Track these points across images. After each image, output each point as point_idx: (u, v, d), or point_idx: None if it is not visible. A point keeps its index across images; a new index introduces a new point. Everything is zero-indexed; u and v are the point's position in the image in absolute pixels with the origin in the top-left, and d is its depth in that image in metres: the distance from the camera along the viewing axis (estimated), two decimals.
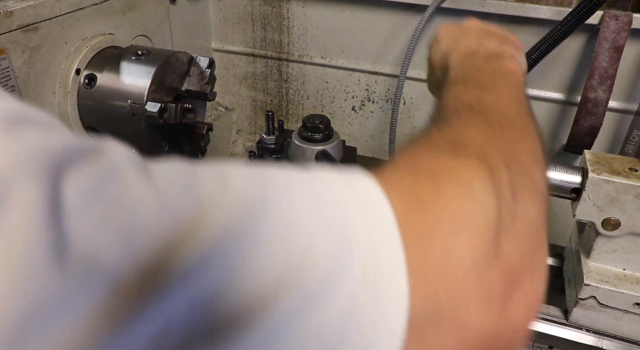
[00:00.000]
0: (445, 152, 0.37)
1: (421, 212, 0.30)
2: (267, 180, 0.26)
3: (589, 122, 1.11)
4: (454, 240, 0.29)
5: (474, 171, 0.34)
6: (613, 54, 1.06)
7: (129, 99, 0.94)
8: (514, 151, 0.39)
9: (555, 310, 0.90)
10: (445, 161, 0.35)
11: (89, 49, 0.98)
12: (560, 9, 1.12)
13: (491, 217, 0.32)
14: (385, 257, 0.26)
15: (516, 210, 0.34)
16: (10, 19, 0.83)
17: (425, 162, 0.35)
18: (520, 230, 0.34)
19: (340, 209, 0.26)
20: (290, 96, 1.48)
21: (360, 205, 0.27)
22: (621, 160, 0.80)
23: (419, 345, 0.27)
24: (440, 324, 0.28)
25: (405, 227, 0.27)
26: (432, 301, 0.27)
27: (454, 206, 0.31)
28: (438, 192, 0.32)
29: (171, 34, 1.27)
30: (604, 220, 0.79)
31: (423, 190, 0.32)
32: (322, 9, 1.32)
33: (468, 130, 0.40)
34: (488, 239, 0.31)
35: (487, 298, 0.30)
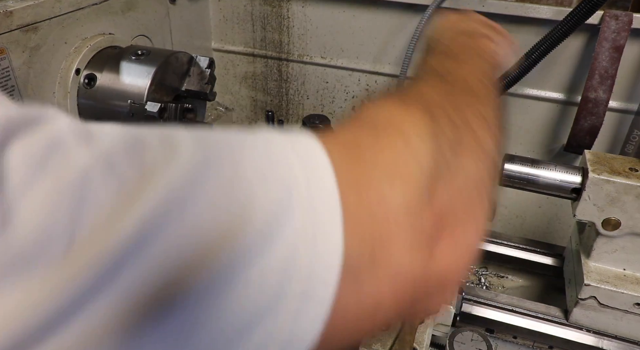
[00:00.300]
0: (393, 105, 0.39)
1: (359, 161, 0.31)
2: (212, 143, 0.27)
3: (589, 122, 1.11)
4: (388, 187, 0.31)
5: (415, 122, 0.36)
6: (613, 54, 1.06)
7: (128, 99, 0.94)
8: (464, 113, 0.41)
9: (555, 310, 0.90)
10: (389, 113, 0.38)
11: (89, 48, 0.98)
12: (560, 9, 1.12)
13: (425, 165, 0.33)
14: (323, 208, 0.27)
15: (455, 164, 0.36)
16: (10, 18, 0.83)
17: (373, 114, 0.38)
18: (457, 183, 0.36)
19: (281, 166, 0.27)
20: (290, 96, 1.48)
21: (300, 161, 0.28)
22: (621, 160, 0.80)
23: (356, 290, 0.28)
24: (375, 267, 0.29)
25: (343, 177, 0.28)
26: (367, 245, 0.29)
27: (389, 154, 0.33)
28: (375, 141, 0.34)
29: (171, 34, 1.27)
30: (604, 220, 0.79)
31: (362, 140, 0.33)
32: (322, 9, 1.32)
33: (424, 89, 0.43)
34: (421, 186, 0.32)
35: (417, 242, 0.32)
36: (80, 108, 0.99)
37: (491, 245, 1.06)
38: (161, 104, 0.92)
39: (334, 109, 1.44)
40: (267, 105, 1.52)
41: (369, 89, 1.38)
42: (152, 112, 0.92)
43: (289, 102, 1.49)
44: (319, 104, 1.46)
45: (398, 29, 1.28)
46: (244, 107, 1.55)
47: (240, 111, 1.56)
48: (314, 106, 1.47)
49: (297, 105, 1.49)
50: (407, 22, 1.26)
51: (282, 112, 1.51)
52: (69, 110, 0.97)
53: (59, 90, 0.96)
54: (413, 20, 1.23)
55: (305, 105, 1.48)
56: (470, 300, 0.91)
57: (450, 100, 0.42)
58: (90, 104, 0.98)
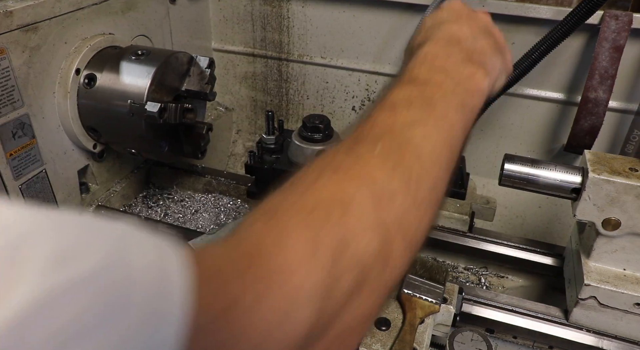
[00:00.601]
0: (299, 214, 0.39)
1: (222, 293, 0.32)
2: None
3: (589, 122, 1.11)
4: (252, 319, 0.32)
5: (299, 253, 0.36)
6: (613, 54, 1.06)
7: (128, 99, 0.94)
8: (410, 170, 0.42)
9: (555, 310, 0.90)
10: (272, 239, 0.37)
11: (89, 48, 0.98)
12: (560, 9, 1.11)
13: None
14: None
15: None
16: (10, 18, 0.83)
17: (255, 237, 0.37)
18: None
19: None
20: (290, 96, 1.48)
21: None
22: (621, 160, 0.80)
23: None
24: None
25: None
26: None
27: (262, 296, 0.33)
28: (241, 274, 0.33)
29: (171, 34, 1.27)
30: (604, 220, 0.79)
31: (233, 272, 0.33)
32: (322, 9, 1.32)
33: (343, 186, 0.41)
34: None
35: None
36: (80, 108, 0.99)
37: (491, 245, 1.06)
38: (161, 104, 0.92)
39: (334, 109, 1.44)
40: (267, 105, 1.52)
41: (369, 88, 1.38)
42: (152, 112, 0.92)
43: (289, 102, 1.49)
44: (319, 104, 1.46)
45: (398, 29, 1.28)
46: (244, 107, 1.55)
47: (240, 111, 1.56)
48: (314, 106, 1.47)
49: (297, 105, 1.49)
50: (407, 22, 1.25)
51: (282, 112, 1.51)
52: (68, 110, 0.97)
53: (59, 90, 0.96)
54: (413, 20, 1.23)
55: (305, 105, 1.48)
56: (470, 300, 0.91)
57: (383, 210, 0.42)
58: (90, 104, 0.98)
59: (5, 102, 0.85)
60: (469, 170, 1.24)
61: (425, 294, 0.83)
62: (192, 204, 1.25)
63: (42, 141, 0.94)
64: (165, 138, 1.04)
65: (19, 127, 0.89)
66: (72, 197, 1.06)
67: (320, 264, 0.36)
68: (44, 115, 0.94)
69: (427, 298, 0.83)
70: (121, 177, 1.21)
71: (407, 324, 0.80)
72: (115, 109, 0.96)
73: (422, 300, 0.82)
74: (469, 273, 1.10)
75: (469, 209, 1.11)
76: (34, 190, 0.95)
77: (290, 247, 0.35)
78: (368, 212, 0.40)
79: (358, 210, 0.39)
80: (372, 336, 0.78)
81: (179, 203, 1.25)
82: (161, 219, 1.20)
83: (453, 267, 1.11)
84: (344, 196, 0.40)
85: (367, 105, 1.41)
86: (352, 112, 1.43)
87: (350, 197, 0.40)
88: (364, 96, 1.40)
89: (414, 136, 0.46)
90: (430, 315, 0.82)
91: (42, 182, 0.96)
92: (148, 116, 0.92)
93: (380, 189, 0.42)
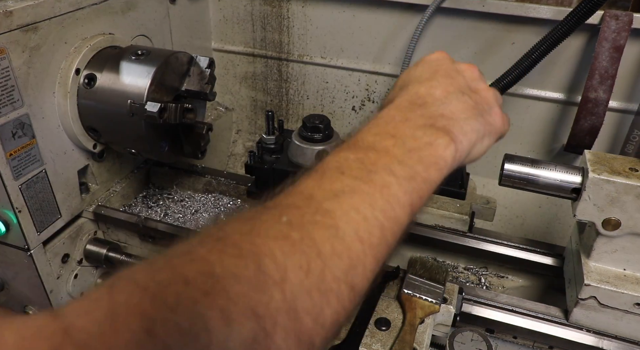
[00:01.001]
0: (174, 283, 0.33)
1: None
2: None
3: (589, 122, 1.11)
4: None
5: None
6: (613, 54, 1.06)
7: (128, 99, 0.94)
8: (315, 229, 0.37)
9: (555, 310, 0.90)
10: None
11: (89, 48, 0.98)
12: (560, 9, 1.12)
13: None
14: None
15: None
16: (10, 18, 0.83)
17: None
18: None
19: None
20: (290, 96, 1.48)
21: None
22: (621, 160, 0.80)
23: None
24: None
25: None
26: None
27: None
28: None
29: (171, 33, 1.27)
30: (604, 220, 0.79)
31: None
32: (322, 9, 1.32)
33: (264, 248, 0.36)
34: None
35: None
36: (80, 108, 0.99)
37: (491, 245, 1.06)
38: (161, 104, 0.92)
39: (334, 109, 1.44)
40: (267, 105, 1.52)
41: (369, 88, 1.38)
42: (152, 112, 0.91)
43: (289, 102, 1.49)
44: (319, 104, 1.46)
45: (398, 29, 1.28)
46: (244, 107, 1.55)
47: (240, 111, 1.56)
48: (314, 106, 1.47)
49: (297, 105, 1.49)
50: (407, 22, 1.26)
51: (282, 112, 1.51)
52: (68, 110, 0.97)
53: (59, 90, 0.96)
54: (413, 20, 1.23)
55: (305, 105, 1.48)
56: (470, 300, 0.91)
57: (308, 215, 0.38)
58: (90, 104, 0.98)
59: (5, 102, 0.85)
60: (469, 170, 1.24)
61: (425, 294, 0.83)
62: (192, 204, 1.25)
63: (42, 141, 0.94)
64: (165, 138, 1.04)
65: (18, 127, 0.89)
66: (72, 197, 1.06)
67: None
68: (44, 115, 0.94)
69: (427, 298, 0.83)
70: (121, 177, 1.21)
71: (407, 324, 0.80)
72: (115, 109, 0.96)
73: (422, 300, 0.82)
74: (469, 273, 1.10)
75: (469, 209, 1.11)
76: (34, 190, 0.95)
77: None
78: (241, 295, 0.33)
79: (227, 294, 0.33)
80: (372, 336, 0.78)
81: (179, 203, 1.25)
82: (161, 219, 1.20)
83: (453, 267, 1.11)
84: (216, 270, 0.34)
85: (366, 105, 1.41)
86: (352, 112, 1.43)
87: (225, 273, 0.34)
88: (364, 96, 1.40)
89: (334, 209, 0.40)
90: (430, 315, 0.82)
91: (42, 182, 0.96)
92: (148, 116, 0.92)
93: (267, 268, 0.35)
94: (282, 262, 0.36)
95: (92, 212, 1.12)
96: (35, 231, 0.97)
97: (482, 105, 0.56)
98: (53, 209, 1.01)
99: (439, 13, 1.20)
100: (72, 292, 1.10)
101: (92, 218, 1.12)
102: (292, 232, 0.38)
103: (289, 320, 0.34)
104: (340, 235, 0.39)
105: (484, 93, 0.58)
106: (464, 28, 1.21)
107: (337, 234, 0.39)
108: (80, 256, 1.11)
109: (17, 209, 0.92)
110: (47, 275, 1.03)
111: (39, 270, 1.00)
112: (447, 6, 1.18)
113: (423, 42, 1.22)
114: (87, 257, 1.12)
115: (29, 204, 0.94)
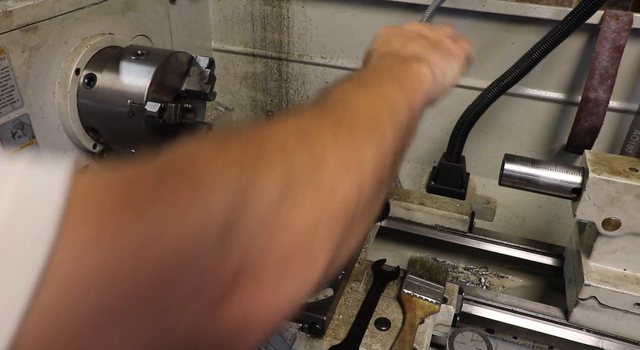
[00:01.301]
0: (211, 143, 0.36)
1: (117, 210, 0.28)
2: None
3: (589, 122, 1.11)
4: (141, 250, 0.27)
5: (222, 167, 0.32)
6: (613, 54, 1.06)
7: (128, 99, 0.94)
8: (318, 147, 0.37)
9: (555, 310, 0.90)
10: (199, 150, 0.34)
11: (89, 48, 0.98)
12: (560, 9, 1.11)
13: (214, 213, 0.30)
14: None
15: (279, 216, 0.32)
16: (10, 18, 0.83)
17: (183, 152, 0.34)
18: (266, 231, 0.32)
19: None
20: (290, 96, 1.48)
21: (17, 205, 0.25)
22: (621, 160, 0.80)
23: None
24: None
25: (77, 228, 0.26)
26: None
27: (163, 208, 0.29)
28: (157, 187, 0.30)
29: (171, 33, 1.27)
30: (604, 220, 0.78)
31: (144, 184, 0.30)
32: (322, 9, 1.32)
33: (275, 130, 0.38)
34: (207, 236, 0.29)
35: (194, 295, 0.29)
36: (80, 108, 0.99)
37: (491, 245, 1.06)
38: (161, 104, 0.92)
39: None
40: (267, 105, 1.52)
41: None
42: (152, 112, 0.91)
43: (289, 102, 1.49)
44: None
45: None
46: (244, 107, 1.55)
47: (240, 111, 1.56)
48: None
49: (297, 105, 1.49)
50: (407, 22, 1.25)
51: (282, 112, 1.51)
52: (68, 110, 0.97)
53: (58, 90, 0.96)
54: (413, 20, 1.23)
55: None
56: (470, 300, 0.91)
57: (310, 132, 0.39)
58: (90, 104, 0.98)
59: (5, 102, 0.85)
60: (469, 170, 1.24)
61: (425, 294, 0.83)
62: None
63: (42, 141, 0.94)
64: (165, 138, 1.04)
65: (18, 127, 0.89)
66: None
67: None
68: (44, 115, 0.94)
69: (427, 298, 0.83)
70: None
71: (407, 324, 0.80)
72: (115, 109, 0.96)
73: (422, 300, 0.82)
74: (469, 273, 1.10)
75: (469, 209, 1.11)
76: None
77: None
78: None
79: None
80: (372, 336, 0.78)
81: None
82: None
83: (453, 267, 1.11)
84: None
85: None
86: None
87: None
88: None
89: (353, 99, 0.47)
90: (430, 315, 0.82)
91: None
92: (148, 116, 0.92)
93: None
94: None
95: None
96: None
97: (434, 41, 0.67)
98: None
99: (439, 13, 1.20)
100: None
101: None
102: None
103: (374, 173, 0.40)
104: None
105: (430, 33, 0.70)
106: (464, 28, 1.21)
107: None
108: None
109: None
110: None
111: None
112: (447, 6, 1.18)
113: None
114: None
115: None
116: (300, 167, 0.35)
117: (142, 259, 0.27)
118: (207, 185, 0.31)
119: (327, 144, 0.38)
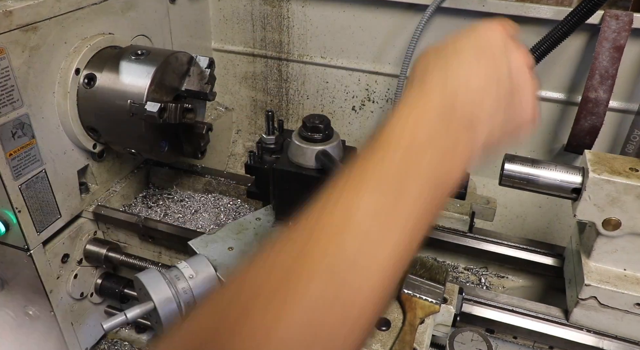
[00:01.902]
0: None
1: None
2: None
3: (589, 122, 1.11)
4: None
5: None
6: (614, 54, 1.06)
7: (128, 99, 0.94)
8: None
9: (555, 310, 0.90)
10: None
11: (89, 48, 0.98)
12: (560, 9, 1.11)
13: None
14: None
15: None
16: (10, 18, 0.83)
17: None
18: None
19: None
20: (290, 96, 1.48)
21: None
22: (622, 160, 0.80)
23: None
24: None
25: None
26: None
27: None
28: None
29: (171, 33, 1.27)
30: (604, 221, 0.78)
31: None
32: (322, 9, 1.32)
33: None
34: None
35: None
36: (80, 108, 0.99)
37: (491, 245, 1.06)
38: (161, 104, 0.92)
39: (334, 108, 1.44)
40: (267, 105, 1.52)
41: (369, 88, 1.38)
42: (152, 112, 0.91)
43: (289, 102, 1.49)
44: (319, 104, 1.46)
45: (398, 29, 1.27)
46: (244, 107, 1.55)
47: (240, 111, 1.56)
48: (314, 106, 1.46)
49: (297, 105, 1.49)
50: (407, 22, 1.25)
51: (282, 112, 1.51)
52: (68, 110, 0.97)
53: (58, 90, 0.96)
54: (413, 20, 1.23)
55: (305, 105, 1.48)
56: (471, 300, 0.91)
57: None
58: (90, 104, 0.98)
59: (4, 102, 0.85)
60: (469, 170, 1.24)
61: (426, 294, 0.83)
62: (192, 204, 1.25)
63: (42, 141, 0.94)
64: (165, 138, 1.04)
65: (18, 127, 0.89)
66: (72, 197, 1.06)
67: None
68: (44, 115, 0.94)
69: (427, 298, 0.83)
70: (121, 177, 1.21)
71: (407, 324, 0.79)
72: (115, 109, 0.96)
73: (422, 301, 0.82)
74: (469, 273, 1.10)
75: (469, 209, 1.11)
76: (34, 190, 0.94)
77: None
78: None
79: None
80: (372, 336, 0.78)
81: (179, 203, 1.25)
82: (161, 219, 1.20)
83: (453, 267, 1.11)
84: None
85: (366, 105, 1.41)
86: (352, 112, 1.43)
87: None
88: (364, 96, 1.40)
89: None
90: (430, 315, 0.82)
91: (41, 182, 0.96)
92: (148, 116, 0.92)
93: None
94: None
95: (92, 212, 1.11)
96: (35, 231, 0.97)
97: (515, 81, 0.47)
98: (53, 209, 1.01)
99: (439, 13, 1.20)
100: (72, 293, 1.10)
101: (92, 218, 1.12)
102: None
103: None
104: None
105: (516, 59, 0.48)
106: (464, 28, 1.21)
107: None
108: (80, 256, 1.11)
109: (16, 209, 0.92)
110: (46, 276, 1.02)
111: (38, 271, 1.00)
112: (447, 6, 1.18)
113: (423, 42, 1.21)
114: (86, 257, 1.12)
115: (28, 204, 0.94)
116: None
117: None
118: None
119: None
